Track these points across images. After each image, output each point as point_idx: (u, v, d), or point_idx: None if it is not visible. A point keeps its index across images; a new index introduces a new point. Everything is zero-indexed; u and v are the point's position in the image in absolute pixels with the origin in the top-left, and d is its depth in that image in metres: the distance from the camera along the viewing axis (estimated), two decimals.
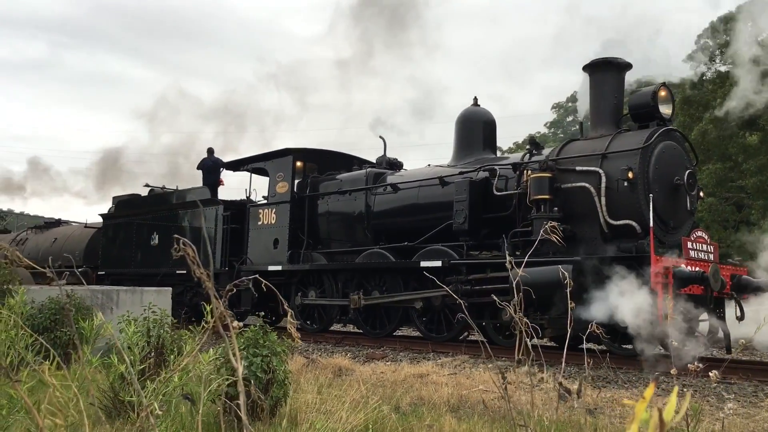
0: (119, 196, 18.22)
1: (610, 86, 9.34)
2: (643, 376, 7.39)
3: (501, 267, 9.19)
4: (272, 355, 4.35)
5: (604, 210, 8.64)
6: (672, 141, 9.07)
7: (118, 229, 16.82)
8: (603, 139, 9.11)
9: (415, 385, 6.67)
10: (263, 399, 3.39)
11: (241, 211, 13.68)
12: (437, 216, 10.61)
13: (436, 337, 10.36)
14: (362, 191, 11.94)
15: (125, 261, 16.17)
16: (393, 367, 8.06)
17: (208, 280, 1.48)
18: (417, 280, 10.55)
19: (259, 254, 13.04)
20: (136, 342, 3.32)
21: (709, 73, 25.92)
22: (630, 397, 6.14)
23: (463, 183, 10.20)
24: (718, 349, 10.13)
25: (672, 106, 9.37)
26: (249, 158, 14.08)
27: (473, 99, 11.75)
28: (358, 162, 13.66)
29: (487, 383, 6.52)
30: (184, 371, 2.52)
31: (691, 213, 9.19)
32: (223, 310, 1.43)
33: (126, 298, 8.39)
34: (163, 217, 15.28)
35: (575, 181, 8.98)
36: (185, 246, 1.40)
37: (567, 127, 37.06)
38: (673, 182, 8.80)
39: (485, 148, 11.38)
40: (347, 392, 5.26)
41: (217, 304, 1.40)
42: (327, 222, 12.59)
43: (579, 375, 7.06)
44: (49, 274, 1.73)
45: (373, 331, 11.39)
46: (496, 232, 9.92)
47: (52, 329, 6.57)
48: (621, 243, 8.59)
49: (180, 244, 1.41)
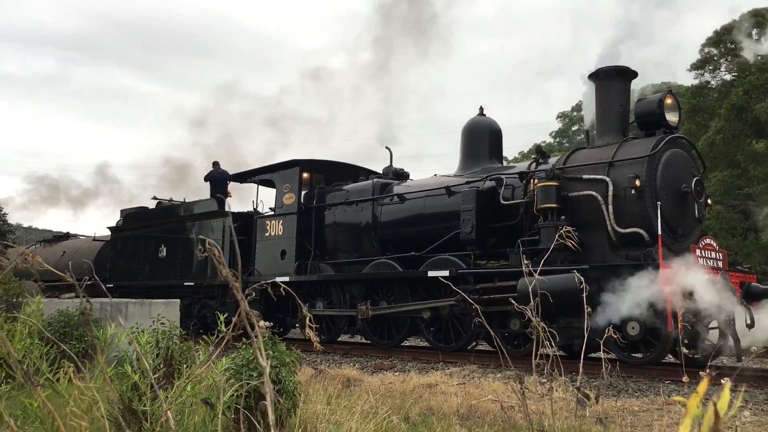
0: (127, 209, 18.31)
1: (616, 94, 9.35)
2: (654, 385, 7.35)
3: (509, 276, 9.18)
4: (281, 365, 4.35)
5: (612, 218, 8.62)
6: (679, 148, 9.06)
7: (126, 242, 16.88)
8: (609, 148, 9.11)
9: (424, 396, 6.65)
10: (282, 403, 3.39)
11: (248, 222, 13.72)
12: (444, 226, 10.61)
13: (444, 347, 10.33)
14: (369, 202, 11.96)
15: (133, 274, 16.21)
16: (401, 378, 8.04)
17: (235, 280, 1.49)
18: (425, 290, 10.55)
19: (266, 265, 13.06)
20: (149, 351, 3.33)
21: (714, 81, 25.94)
22: (641, 406, 6.11)
23: (469, 192, 10.21)
24: (728, 357, 10.07)
25: (678, 113, 9.37)
26: (256, 170, 14.13)
27: (479, 108, 11.78)
28: (365, 173, 13.70)
29: (496, 393, 6.50)
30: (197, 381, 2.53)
31: (700, 220, 9.16)
32: (248, 309, 1.44)
33: (135, 311, 8.41)
34: (171, 229, 15.34)
35: (582, 190, 8.97)
36: (211, 247, 1.41)
37: (573, 137, 37.05)
38: (681, 190, 8.78)
39: (491, 157, 11.40)
40: (356, 403, 5.25)
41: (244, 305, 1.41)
42: (334, 233, 12.60)
43: (589, 384, 7.03)
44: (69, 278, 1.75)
45: (381, 342, 11.37)
46: (504, 242, 9.91)
47: (63, 342, 6.59)
48: (629, 251, 8.57)
49: (206, 244, 1.43)
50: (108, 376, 2.67)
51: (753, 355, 4.14)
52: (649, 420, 5.58)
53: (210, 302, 13.92)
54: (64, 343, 6.62)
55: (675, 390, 7.02)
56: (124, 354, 3.26)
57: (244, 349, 3.89)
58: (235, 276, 1.51)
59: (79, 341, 6.27)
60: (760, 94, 22.56)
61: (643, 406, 6.11)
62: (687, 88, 25.81)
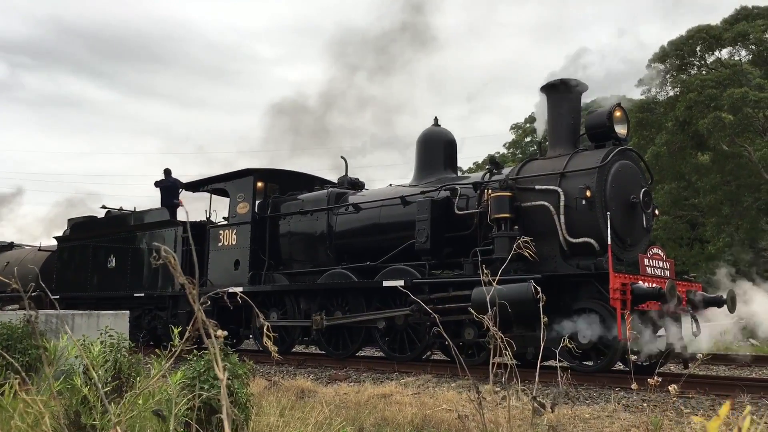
0: (74, 218, 17.83)
1: (567, 107, 9.54)
2: (604, 393, 7.48)
3: (463, 286, 9.25)
4: (233, 377, 4.28)
5: (564, 228, 8.77)
6: (628, 160, 9.29)
7: (73, 252, 16.44)
8: (561, 159, 9.27)
9: (379, 406, 6.63)
10: (238, 415, 3.33)
11: (201, 232, 13.50)
12: (399, 235, 10.64)
13: (399, 357, 10.33)
14: (324, 211, 11.92)
15: (81, 284, 15.79)
16: (356, 388, 8.00)
17: (192, 286, 1.46)
18: (380, 300, 10.54)
19: (219, 276, 12.88)
20: (99, 364, 3.24)
21: (660, 96, 26.71)
22: (591, 414, 6.21)
23: (424, 202, 10.26)
24: (675, 364, 10.32)
25: (627, 126, 9.61)
26: (209, 179, 13.94)
27: (434, 119, 11.88)
28: (320, 182, 13.66)
29: (451, 402, 6.52)
30: (149, 394, 2.47)
31: (648, 230, 9.39)
32: (205, 318, 1.42)
33: (82, 323, 8.17)
34: (121, 239, 15.00)
35: (535, 200, 9.11)
36: (167, 254, 1.38)
37: (525, 148, 37.63)
38: (630, 200, 8.99)
39: (446, 167, 11.49)
40: (310, 414, 5.21)
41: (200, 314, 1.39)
42: (288, 242, 12.51)
43: (543, 393, 7.11)
44: (15, 284, 1.69)
45: (336, 352, 11.31)
46: (458, 251, 9.98)
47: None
48: (580, 260, 8.73)
49: (162, 252, 1.39)
50: (55, 390, 2.58)
51: (698, 362, 4.24)
52: (599, 427, 5.67)
53: (161, 314, 13.65)
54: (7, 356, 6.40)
55: (625, 397, 7.16)
56: (70, 367, 3.16)
57: (195, 361, 3.82)
58: (192, 283, 1.48)
59: (23, 354, 6.06)
60: (702, 109, 23.33)
61: (594, 414, 6.21)
62: (635, 102, 26.52)
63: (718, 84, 23.36)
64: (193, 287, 1.44)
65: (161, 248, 1.44)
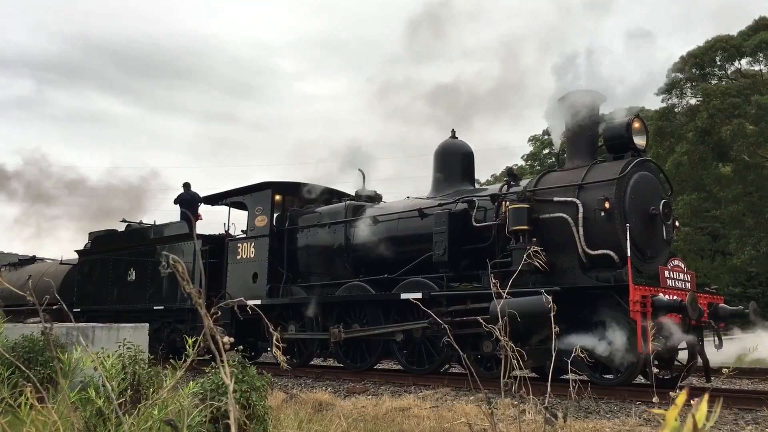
0: (95, 232, 18.01)
1: (585, 118, 9.48)
2: (625, 407, 7.38)
3: (481, 298, 9.20)
4: (251, 389, 4.28)
5: (582, 240, 8.70)
6: (647, 171, 9.21)
7: (93, 266, 16.59)
8: (579, 170, 9.22)
9: (397, 419, 6.60)
10: (248, 425, 3.32)
11: (219, 245, 13.59)
12: (417, 248, 10.62)
13: (417, 370, 10.28)
14: (342, 224, 11.94)
15: (101, 298, 15.92)
16: (374, 401, 7.97)
17: (199, 296, 1.46)
18: (397, 312, 10.51)
19: (238, 288, 12.92)
20: (115, 376, 3.26)
21: (680, 106, 26.52)
22: (612, 428, 6.12)
23: (442, 215, 10.24)
24: (697, 378, 10.16)
25: (646, 137, 9.54)
26: (227, 192, 14.03)
27: (451, 131, 11.87)
28: (337, 195, 13.68)
29: (469, 415, 6.47)
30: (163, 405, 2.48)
31: (668, 242, 9.29)
32: (212, 326, 1.42)
33: (102, 335, 8.22)
34: (141, 252, 15.12)
35: (553, 212, 9.05)
36: (175, 263, 1.39)
37: (543, 160, 37.49)
38: (649, 212, 8.91)
39: (464, 179, 11.47)
40: (328, 427, 5.19)
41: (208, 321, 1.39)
42: (306, 255, 12.54)
43: (560, 405, 7.03)
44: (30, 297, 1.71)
45: (353, 365, 11.28)
46: (476, 264, 9.94)
47: (27, 367, 6.41)
48: (599, 273, 8.65)
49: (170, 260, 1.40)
50: (71, 402, 2.60)
51: (724, 376, 4.16)
52: None
53: (180, 326, 13.71)
54: (28, 369, 6.47)
55: (646, 411, 7.05)
56: (88, 379, 3.18)
57: (213, 374, 3.83)
58: (199, 293, 1.48)
59: (44, 367, 6.11)
60: (724, 117, 23.11)
61: (615, 428, 6.12)
62: (654, 111, 26.34)
63: (739, 93, 23.16)
64: (199, 296, 1.44)
65: (169, 257, 1.45)
